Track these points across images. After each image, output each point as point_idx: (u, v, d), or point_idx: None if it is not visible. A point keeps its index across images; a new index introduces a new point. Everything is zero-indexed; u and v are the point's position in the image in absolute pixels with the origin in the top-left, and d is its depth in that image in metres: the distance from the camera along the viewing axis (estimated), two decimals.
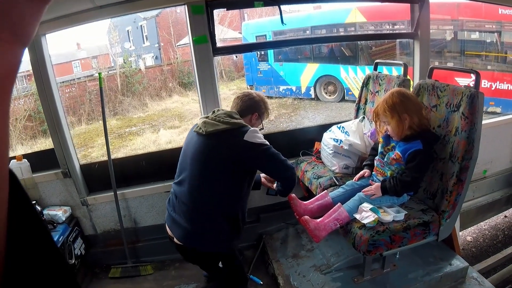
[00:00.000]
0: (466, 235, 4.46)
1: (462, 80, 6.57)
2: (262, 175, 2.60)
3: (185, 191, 2.17)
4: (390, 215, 2.03)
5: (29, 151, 2.90)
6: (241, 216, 2.24)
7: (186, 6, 2.73)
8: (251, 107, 2.34)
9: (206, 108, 2.96)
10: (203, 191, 2.14)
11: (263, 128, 2.48)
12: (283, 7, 2.86)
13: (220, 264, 2.29)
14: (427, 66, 2.96)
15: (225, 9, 2.90)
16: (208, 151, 2.13)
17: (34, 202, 2.74)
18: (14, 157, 2.94)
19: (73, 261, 2.87)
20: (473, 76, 2.14)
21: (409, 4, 3.18)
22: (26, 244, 0.41)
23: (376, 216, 1.98)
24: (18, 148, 9.27)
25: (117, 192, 3.01)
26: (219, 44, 2.91)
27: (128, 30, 16.77)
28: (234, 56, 12.14)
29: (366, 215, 2.00)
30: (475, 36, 8.53)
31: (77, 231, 3.08)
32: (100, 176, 3.10)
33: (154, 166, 3.22)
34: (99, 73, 2.93)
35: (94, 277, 3.08)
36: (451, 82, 2.25)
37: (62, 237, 2.84)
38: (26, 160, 2.94)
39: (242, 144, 2.07)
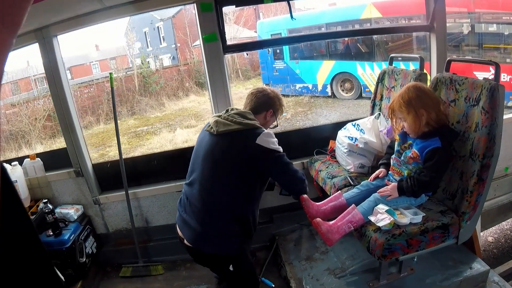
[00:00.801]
0: (487, 235, 4.32)
1: (482, 75, 6.34)
2: None
3: (196, 192, 2.13)
4: (407, 217, 1.93)
5: (48, 150, 2.94)
6: (252, 219, 2.18)
7: (195, 4, 2.70)
8: (266, 103, 2.27)
9: (218, 106, 2.92)
10: (213, 193, 2.09)
11: (277, 125, 2.42)
12: (297, 4, 2.81)
13: (231, 268, 2.23)
14: (444, 59, 2.83)
15: (234, 5, 2.83)
16: (219, 151, 2.09)
17: (46, 200, 2.79)
18: (27, 156, 3.00)
19: (84, 259, 2.87)
20: (492, 70, 2.03)
21: None
22: (14, 241, 0.42)
23: (392, 218, 1.89)
24: (38, 147, 9.48)
25: (129, 191, 3.00)
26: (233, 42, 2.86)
27: (145, 32, 16.97)
28: (245, 53, 12.12)
29: (382, 218, 1.91)
30: (492, 28, 8.25)
31: (89, 229, 3.09)
32: (112, 175, 3.10)
33: (166, 165, 3.21)
34: (110, 73, 2.92)
35: (105, 275, 3.08)
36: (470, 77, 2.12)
37: (73, 235, 2.85)
38: (39, 159, 3.00)
39: (254, 147, 2.01)
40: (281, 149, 2.09)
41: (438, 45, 3.03)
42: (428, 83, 2.42)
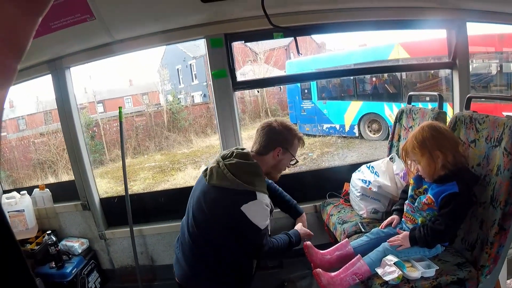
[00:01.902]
0: None
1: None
2: (299, 228, 2.36)
3: (186, 234, 2.05)
4: (418, 270, 1.74)
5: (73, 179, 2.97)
6: (244, 271, 2.06)
7: (205, 39, 2.71)
8: (273, 141, 2.02)
9: (226, 146, 2.86)
10: (200, 241, 2.00)
11: (297, 162, 2.16)
12: (328, 45, 2.78)
13: None
14: None
15: (244, 41, 2.84)
16: (206, 203, 1.97)
17: (50, 232, 2.77)
18: (37, 186, 3.02)
19: None
20: None
21: None
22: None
23: (400, 272, 1.70)
24: (64, 177, 9.74)
25: (135, 228, 2.94)
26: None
27: (178, 68, 17.52)
28: (256, 90, 12.23)
29: (389, 270, 1.73)
30: None
31: (93, 264, 3.03)
32: (119, 210, 3.04)
33: (173, 203, 3.13)
34: (119, 108, 2.93)
35: None
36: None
37: (75, 269, 2.81)
38: (48, 189, 3.01)
39: (237, 213, 1.87)
40: (264, 225, 1.93)
41: (461, 82, 2.88)
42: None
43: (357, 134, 10.65)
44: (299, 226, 2.36)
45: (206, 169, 2.04)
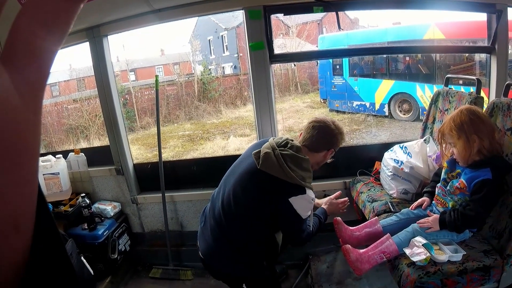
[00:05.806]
0: None
1: None
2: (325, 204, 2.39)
3: (216, 211, 2.08)
4: (445, 254, 1.73)
5: (105, 144, 3.06)
6: (269, 257, 2.11)
7: (243, 11, 2.67)
8: (329, 142, 2.07)
9: (261, 118, 2.88)
10: (231, 221, 2.01)
11: (334, 159, 2.24)
12: (361, 22, 2.69)
13: (244, 287, 2.14)
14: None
15: (283, 14, 2.78)
16: (251, 186, 1.98)
17: (83, 194, 2.89)
18: (72, 150, 3.13)
19: (116, 256, 2.93)
20: None
21: None
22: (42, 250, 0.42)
23: (428, 254, 1.71)
24: (95, 142, 10.07)
25: (166, 194, 3.04)
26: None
27: (209, 40, 17.45)
28: (292, 64, 12.02)
29: (417, 252, 1.73)
30: None
31: (124, 227, 3.15)
32: (151, 176, 3.15)
33: (205, 172, 3.21)
34: (156, 76, 2.98)
35: (135, 274, 3.14)
36: None
37: (107, 231, 2.93)
38: (83, 154, 3.11)
39: (284, 202, 1.90)
40: (306, 216, 1.98)
41: (499, 68, 2.77)
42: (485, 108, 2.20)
43: (386, 113, 10.39)
44: (324, 200, 2.40)
45: (259, 152, 2.01)
